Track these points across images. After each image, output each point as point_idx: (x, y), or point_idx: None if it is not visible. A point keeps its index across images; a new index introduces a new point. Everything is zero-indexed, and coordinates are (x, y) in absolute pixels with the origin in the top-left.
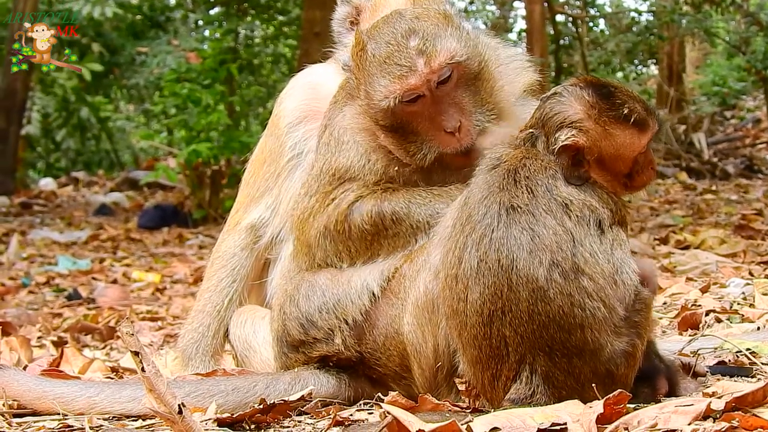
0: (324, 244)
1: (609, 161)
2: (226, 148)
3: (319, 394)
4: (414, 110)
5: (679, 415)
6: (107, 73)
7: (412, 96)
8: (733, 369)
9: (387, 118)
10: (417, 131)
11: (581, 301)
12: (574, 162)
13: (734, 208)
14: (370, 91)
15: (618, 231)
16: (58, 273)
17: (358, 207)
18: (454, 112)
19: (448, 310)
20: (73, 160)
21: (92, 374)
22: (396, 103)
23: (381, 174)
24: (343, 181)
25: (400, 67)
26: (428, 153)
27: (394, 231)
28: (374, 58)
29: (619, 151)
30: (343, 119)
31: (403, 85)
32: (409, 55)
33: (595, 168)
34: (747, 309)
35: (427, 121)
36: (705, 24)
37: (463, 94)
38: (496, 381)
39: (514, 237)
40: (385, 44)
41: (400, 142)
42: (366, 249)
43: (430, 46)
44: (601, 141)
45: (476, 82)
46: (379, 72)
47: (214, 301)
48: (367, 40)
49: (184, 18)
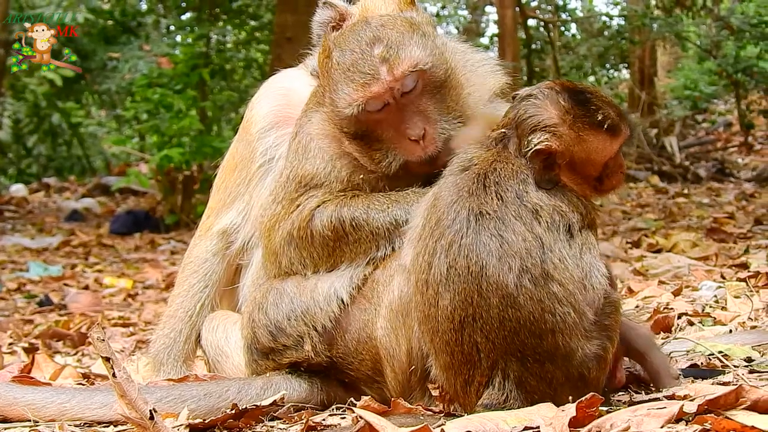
0: (288, 250)
1: (580, 165)
2: (198, 153)
3: (292, 399)
4: (378, 118)
5: (651, 417)
6: (79, 79)
7: (376, 104)
8: (706, 372)
9: (351, 126)
10: (382, 139)
11: (551, 306)
12: (546, 165)
13: (706, 212)
14: (335, 99)
15: (587, 235)
16: (30, 279)
17: (319, 213)
18: (418, 120)
19: (420, 315)
20: (44, 166)
21: (64, 380)
22: (360, 111)
23: (346, 181)
24: (309, 188)
25: (363, 75)
26: (393, 161)
27: (354, 237)
28: (339, 66)
29: (590, 155)
30: (311, 126)
31: (366, 92)
32: (373, 63)
33: (565, 171)
34: (719, 312)
35: (392, 128)
36: (676, 28)
37: (429, 101)
38: (469, 386)
39: (483, 243)
40: (350, 51)
41: (364, 150)
42: (328, 255)
43: (394, 53)
44: (574, 146)
45: (442, 89)
46: (343, 79)
47: (185, 307)
48: (333, 47)
49: (155, 23)
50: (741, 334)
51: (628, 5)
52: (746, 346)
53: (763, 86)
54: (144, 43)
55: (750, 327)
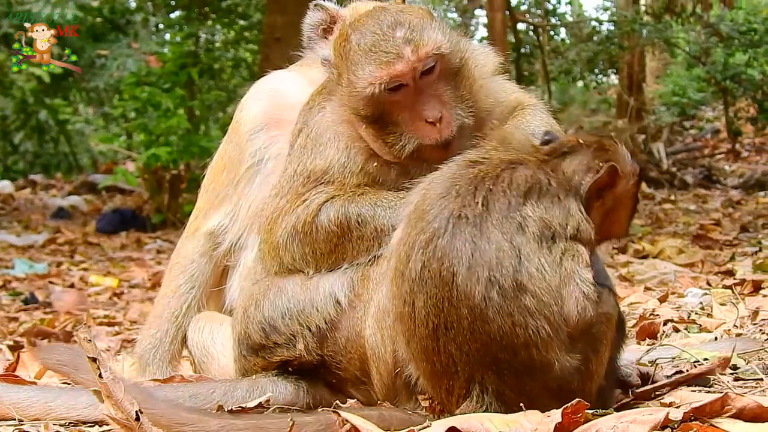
0: (291, 246)
1: (608, 219)
2: (185, 152)
3: (277, 401)
4: (396, 99)
5: (637, 424)
6: (66, 76)
7: (396, 83)
8: (691, 379)
9: (368, 108)
10: (397, 122)
11: (522, 320)
12: (599, 188)
13: (692, 218)
14: (354, 80)
15: (576, 246)
16: (15, 276)
17: (326, 208)
18: (435, 102)
19: (395, 310)
20: (31, 163)
21: (49, 379)
22: (380, 90)
23: (360, 170)
24: (318, 183)
25: (387, 54)
26: (407, 144)
27: (358, 233)
28: (359, 47)
29: (617, 219)
30: (323, 119)
31: (390, 71)
32: (396, 44)
33: (598, 206)
34: (705, 319)
35: (408, 111)
36: (665, 34)
37: (445, 87)
38: (451, 396)
39: (457, 249)
40: (371, 34)
41: (379, 134)
42: (331, 252)
43: (417, 35)
44: (621, 199)
45: (457, 77)
46: (365, 59)
47: (172, 307)
48: (351, 32)
49: (144, 21)
50: (726, 341)
51: (617, 11)
52: (731, 353)
53: (751, 93)
54: (133, 41)
55: (735, 334)
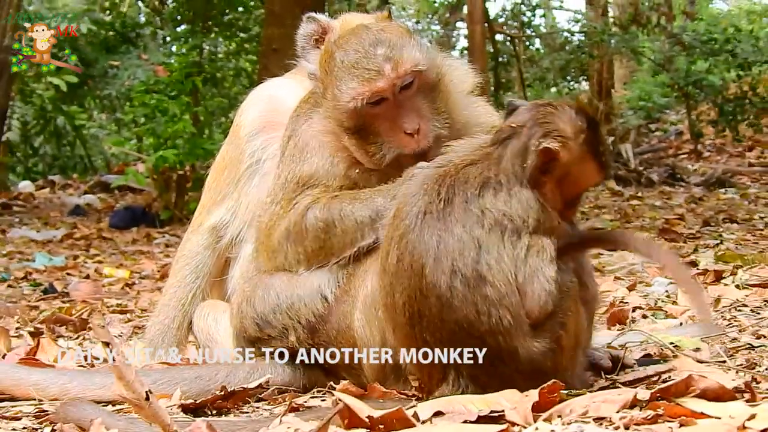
0: (286, 246)
1: (566, 183)
2: (190, 154)
3: (276, 383)
4: (377, 112)
5: (608, 403)
6: (82, 85)
7: (377, 98)
8: (658, 361)
9: (351, 120)
10: (378, 132)
11: (486, 309)
12: (542, 169)
13: (658, 213)
14: (338, 94)
15: (539, 239)
16: (35, 269)
17: (311, 208)
18: (414, 115)
19: (381, 301)
20: (49, 165)
21: (66, 363)
22: (362, 104)
23: (343, 176)
24: (306, 187)
25: (368, 71)
26: (387, 153)
27: (342, 227)
28: (343, 64)
29: (580, 178)
30: (309, 128)
31: (372, 87)
32: (377, 61)
33: (551, 184)
34: (670, 306)
35: (389, 122)
36: (632, 44)
37: (422, 100)
38: (431, 380)
39: (425, 242)
40: (354, 52)
41: (361, 144)
42: (320, 248)
43: (397, 53)
44: (573, 163)
45: (433, 91)
46: (348, 75)
47: (179, 296)
48: (335, 49)
49: (153, 34)
50: (691, 326)
51: (588, 22)
52: (695, 337)
53: (711, 98)
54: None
55: (699, 320)
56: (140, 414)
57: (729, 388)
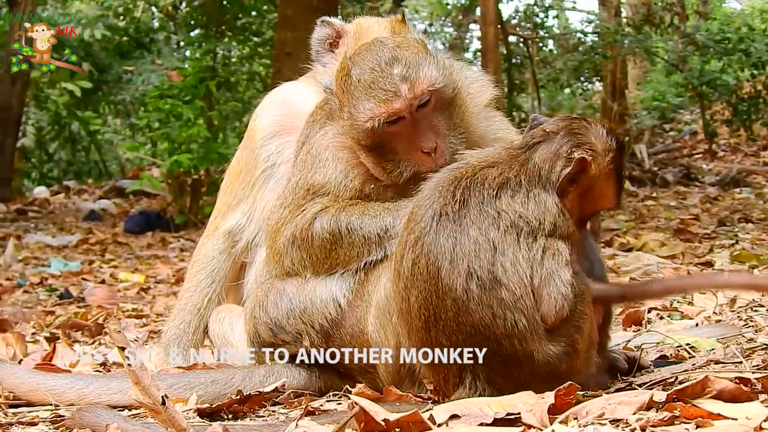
0: (291, 251)
1: (585, 199)
2: (205, 158)
3: (292, 386)
4: (394, 131)
5: (624, 405)
6: (96, 90)
7: (393, 118)
8: (675, 362)
9: (368, 138)
10: (395, 150)
11: (501, 312)
12: (573, 178)
13: (673, 214)
14: (354, 113)
15: (556, 243)
16: (51, 274)
17: (319, 217)
18: (431, 133)
19: (396, 306)
20: (64, 170)
21: (82, 368)
22: (379, 125)
23: (356, 191)
24: (316, 195)
25: (385, 92)
26: (404, 171)
27: (348, 240)
28: (359, 83)
29: (599, 197)
30: (323, 138)
31: (388, 108)
32: (394, 81)
33: (574, 195)
34: (686, 307)
35: (406, 141)
36: (645, 44)
37: (439, 117)
38: (448, 384)
39: (440, 245)
40: (370, 70)
41: (378, 161)
42: (326, 257)
43: (413, 73)
44: (598, 179)
45: (450, 107)
46: (365, 96)
47: (194, 301)
48: (351, 66)
49: (166, 39)
50: (707, 327)
51: (601, 23)
52: (711, 338)
53: (725, 98)
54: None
55: (715, 321)
56: (156, 419)
57: (746, 389)
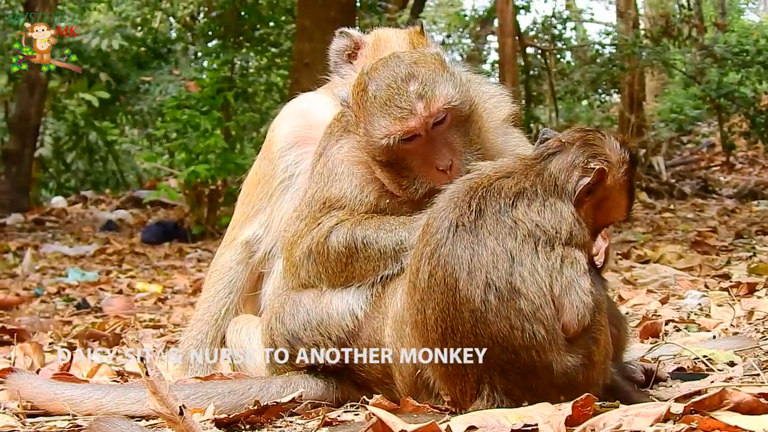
0: (307, 264)
1: (599, 210)
2: (222, 169)
3: (309, 397)
4: (410, 148)
5: (641, 417)
6: (114, 100)
7: (409, 135)
8: (692, 375)
9: (384, 155)
10: (411, 167)
11: (519, 323)
12: (591, 189)
13: (690, 226)
14: (370, 130)
15: (573, 251)
16: (68, 284)
17: (335, 231)
18: (446, 151)
19: (411, 319)
20: (82, 180)
21: (99, 378)
22: (395, 142)
23: (372, 205)
24: (332, 208)
25: (401, 110)
26: (419, 188)
27: (364, 254)
28: (375, 100)
29: (611, 209)
30: (340, 152)
31: (404, 126)
32: (410, 99)
33: (588, 205)
34: (703, 319)
35: (421, 158)
36: (663, 56)
37: (455, 134)
38: (465, 396)
39: (458, 256)
40: (386, 87)
41: (394, 177)
42: (341, 270)
43: (429, 91)
44: (613, 191)
45: (466, 124)
46: (380, 113)
47: (212, 311)
48: (368, 82)
49: (184, 50)
50: (724, 339)
51: (619, 35)
52: (729, 350)
53: (743, 110)
54: (173, 68)
55: (732, 333)
56: (174, 429)
57: (764, 402)
